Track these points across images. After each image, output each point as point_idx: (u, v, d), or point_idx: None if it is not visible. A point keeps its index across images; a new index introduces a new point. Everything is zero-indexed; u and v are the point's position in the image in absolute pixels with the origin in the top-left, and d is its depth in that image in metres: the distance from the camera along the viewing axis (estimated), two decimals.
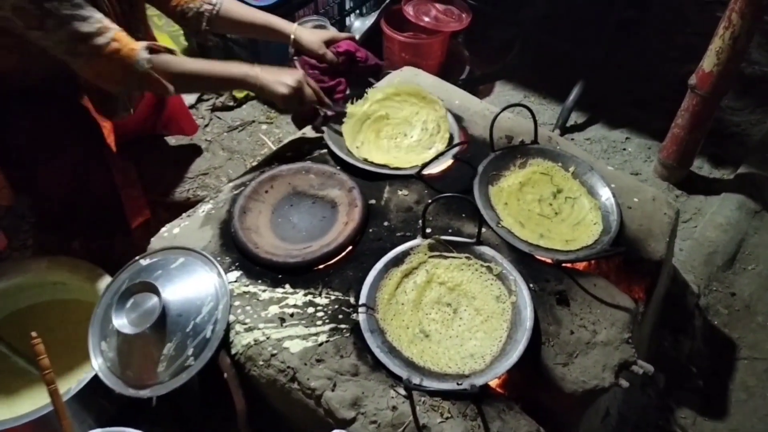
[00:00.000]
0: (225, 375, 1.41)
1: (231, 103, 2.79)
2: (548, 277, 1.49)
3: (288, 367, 1.35)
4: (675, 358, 1.89)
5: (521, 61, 3.10)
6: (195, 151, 2.60)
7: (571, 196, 1.72)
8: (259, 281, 1.48)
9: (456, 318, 1.42)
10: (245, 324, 1.41)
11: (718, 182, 2.52)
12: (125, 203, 1.95)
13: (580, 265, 1.56)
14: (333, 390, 1.30)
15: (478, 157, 1.76)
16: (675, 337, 1.93)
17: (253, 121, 2.76)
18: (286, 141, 1.91)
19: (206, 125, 2.72)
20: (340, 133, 1.80)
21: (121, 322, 1.40)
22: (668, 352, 1.87)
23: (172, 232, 1.64)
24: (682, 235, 2.22)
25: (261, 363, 1.37)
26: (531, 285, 1.46)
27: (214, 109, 2.79)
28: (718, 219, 2.29)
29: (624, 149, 2.67)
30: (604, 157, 2.60)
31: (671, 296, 1.96)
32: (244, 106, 2.83)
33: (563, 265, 1.53)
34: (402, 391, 1.28)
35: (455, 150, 1.74)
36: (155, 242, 1.63)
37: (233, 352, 1.41)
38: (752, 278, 2.12)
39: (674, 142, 2.38)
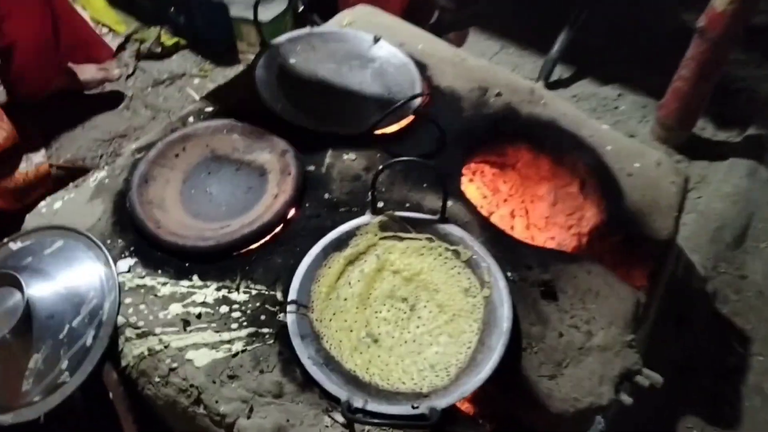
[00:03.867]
0: (111, 395, 1.12)
1: (158, 50, 2.44)
2: (530, 263, 1.24)
3: (191, 385, 1.09)
4: (678, 355, 1.65)
5: (498, 4, 2.80)
6: (112, 108, 2.26)
7: None
8: (159, 271, 1.22)
9: (413, 317, 1.17)
10: (138, 328, 1.15)
11: (724, 145, 2.30)
12: None
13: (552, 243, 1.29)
14: (249, 417, 1.06)
15: (445, 113, 1.47)
16: (678, 329, 1.71)
17: (184, 74, 2.44)
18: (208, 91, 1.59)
19: (129, 76, 2.37)
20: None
21: None
22: (670, 347, 1.63)
23: (52, 207, 1.36)
24: (685, 206, 1.97)
25: (157, 379, 1.11)
26: (509, 273, 1.21)
27: (139, 56, 2.43)
28: (726, 188, 2.09)
29: (616, 108, 2.44)
30: (594, 116, 2.32)
31: (673, 280, 1.72)
32: (174, 57, 2.50)
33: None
34: (340, 418, 1.03)
35: (415, 103, 1.44)
36: (30, 219, 1.33)
37: (123, 364, 1.15)
38: (765, 258, 1.91)
39: (676, 98, 2.13)
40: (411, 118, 1.47)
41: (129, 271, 1.21)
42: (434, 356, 1.12)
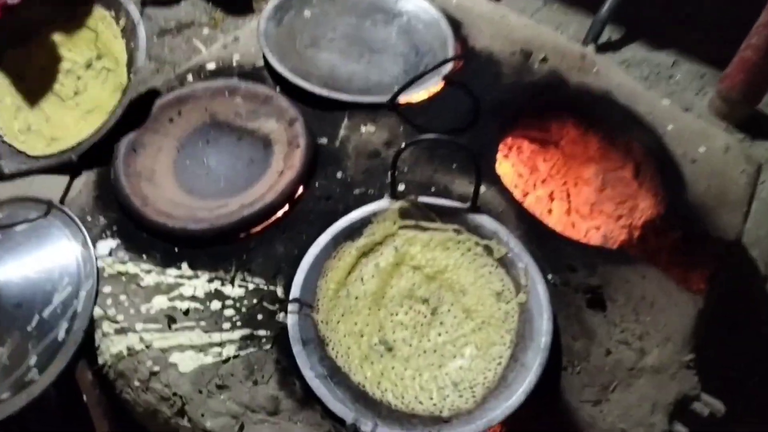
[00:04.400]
0: (84, 397, 1.00)
1: None
2: (575, 264, 1.08)
3: (174, 393, 0.96)
4: (731, 366, 1.48)
5: None
6: None
7: None
8: (144, 256, 1.08)
9: (435, 323, 1.03)
10: (117, 323, 1.02)
11: None
12: None
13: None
14: None
15: (481, 81, 1.29)
16: (731, 335, 1.53)
17: (192, 23, 2.25)
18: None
19: None
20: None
21: None
22: (721, 357, 1.46)
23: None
24: None
25: (137, 384, 0.98)
26: (549, 276, 1.06)
27: (145, 1, 2.25)
28: None
29: (670, 77, 2.23)
30: (645, 85, 2.11)
31: (728, 278, 1.54)
32: (182, 3, 2.31)
33: None
34: None
35: (446, 68, 1.26)
36: (2, 188, 1.18)
37: (100, 362, 1.01)
38: None
39: (742, 69, 1.91)
40: (441, 84, 1.29)
41: (110, 254, 1.07)
42: (458, 372, 0.98)
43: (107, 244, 1.08)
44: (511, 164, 1.46)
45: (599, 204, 1.36)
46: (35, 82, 1.31)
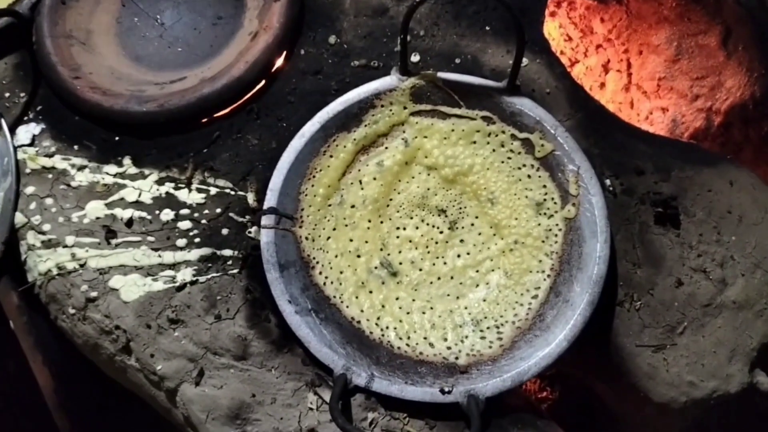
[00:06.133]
0: (12, 324, 0.85)
1: None
2: (642, 165, 0.89)
3: (117, 327, 0.82)
4: None
5: None
6: None
7: None
8: (76, 147, 0.92)
9: (453, 240, 0.89)
10: (43, 233, 0.86)
11: None
12: None
13: None
14: (197, 383, 0.79)
15: None
16: None
17: None
18: None
19: None
20: None
21: None
22: None
23: None
24: None
25: (72, 311, 0.85)
26: (608, 181, 0.87)
27: None
28: None
29: None
30: None
31: None
32: None
33: None
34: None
35: None
36: None
37: (29, 280, 0.87)
38: None
39: None
40: None
41: (32, 143, 0.92)
42: (480, 306, 0.84)
43: (29, 130, 0.93)
44: (557, 24, 1.27)
45: (670, 79, 1.19)
46: None
